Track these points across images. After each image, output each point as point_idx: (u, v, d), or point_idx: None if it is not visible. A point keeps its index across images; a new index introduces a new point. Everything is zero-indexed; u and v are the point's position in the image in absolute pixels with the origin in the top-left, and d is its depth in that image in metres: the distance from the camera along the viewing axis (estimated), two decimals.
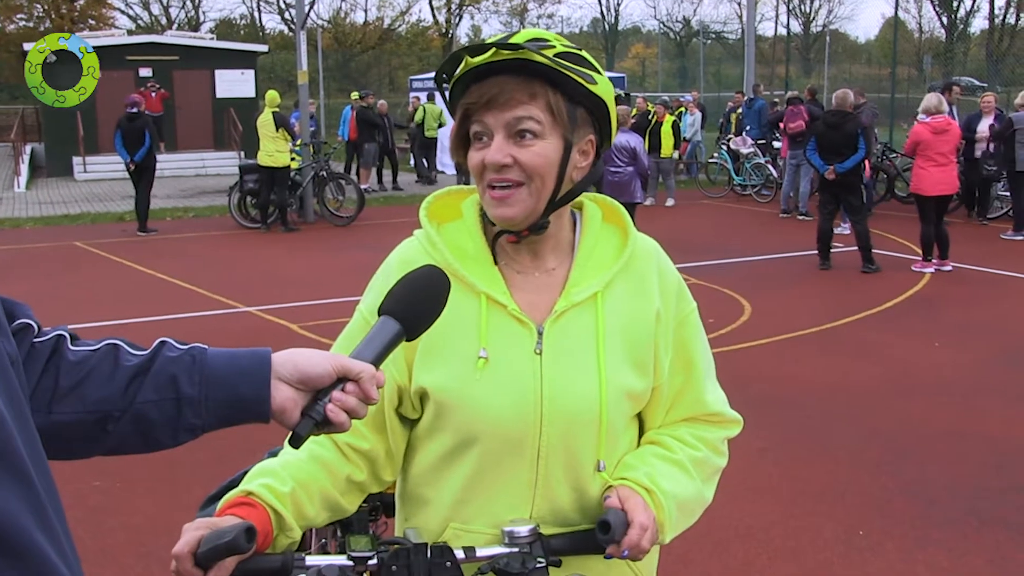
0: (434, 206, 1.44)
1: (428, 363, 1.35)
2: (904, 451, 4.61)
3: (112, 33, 23.75)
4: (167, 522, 3.90)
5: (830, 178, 8.96)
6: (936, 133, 8.74)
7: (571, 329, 1.35)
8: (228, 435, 5.69)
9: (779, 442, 4.74)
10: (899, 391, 5.56)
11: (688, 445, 1.42)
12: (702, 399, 1.45)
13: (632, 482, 1.34)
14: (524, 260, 1.39)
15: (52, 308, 7.84)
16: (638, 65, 45.15)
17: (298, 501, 1.29)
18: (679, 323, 1.43)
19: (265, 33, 45.27)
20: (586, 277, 1.37)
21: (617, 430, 1.37)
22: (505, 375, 1.32)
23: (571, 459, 1.34)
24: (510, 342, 1.33)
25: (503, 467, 1.33)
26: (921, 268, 9.08)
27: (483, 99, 1.29)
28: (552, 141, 1.30)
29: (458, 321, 1.33)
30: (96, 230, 12.77)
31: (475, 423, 1.32)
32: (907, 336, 6.82)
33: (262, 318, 7.57)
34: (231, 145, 21.35)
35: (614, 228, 1.44)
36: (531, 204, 1.31)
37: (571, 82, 1.29)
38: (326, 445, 1.37)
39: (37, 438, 0.87)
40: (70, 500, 4.11)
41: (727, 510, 3.91)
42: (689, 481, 1.40)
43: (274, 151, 12.05)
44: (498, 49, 1.27)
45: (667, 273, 1.43)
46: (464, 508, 1.36)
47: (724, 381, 1.52)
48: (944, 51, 35.20)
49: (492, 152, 1.29)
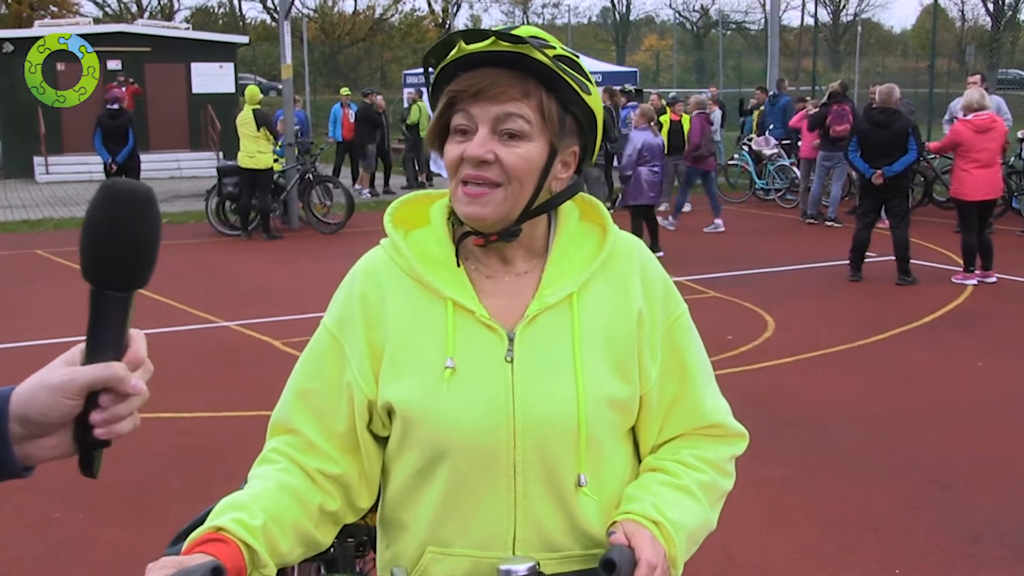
0: (400, 212, 1.45)
1: (393, 375, 1.36)
2: (944, 481, 4.61)
3: (77, 22, 23.80)
4: (135, 557, 3.89)
5: (877, 183, 8.90)
6: (979, 132, 8.73)
7: (545, 334, 1.36)
8: (201, 459, 5.66)
9: (805, 470, 4.73)
10: (938, 415, 5.56)
11: (693, 468, 1.42)
12: (700, 408, 1.45)
13: (638, 515, 1.34)
14: (494, 264, 1.41)
15: (8, 323, 7.85)
16: (651, 58, 45.30)
17: (271, 535, 1.29)
18: (668, 326, 1.44)
19: (246, 23, 45.49)
20: (560, 278, 1.38)
21: (600, 442, 1.37)
22: (473, 385, 1.33)
23: (551, 474, 1.35)
24: (479, 350, 1.35)
25: (478, 484, 1.34)
26: (962, 280, 9.08)
27: (472, 89, 1.30)
28: (538, 145, 1.32)
29: (424, 330, 1.35)
30: (59, 237, 12.80)
31: (443, 437, 1.33)
32: (947, 354, 6.81)
33: (242, 333, 7.58)
34: (208, 145, 21.42)
35: (592, 226, 1.45)
36: (505, 208, 1.32)
37: (567, 87, 1.31)
38: (295, 474, 1.38)
39: None
40: (29, 534, 4.11)
41: (747, 544, 3.91)
42: (698, 508, 1.40)
43: (255, 152, 12.08)
44: (498, 39, 1.28)
45: (650, 271, 1.44)
46: (441, 530, 1.37)
47: (745, 402, 1.53)
48: (989, 41, 35.24)
49: (474, 146, 1.30)
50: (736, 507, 1.52)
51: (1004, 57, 33.18)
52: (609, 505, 1.39)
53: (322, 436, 1.39)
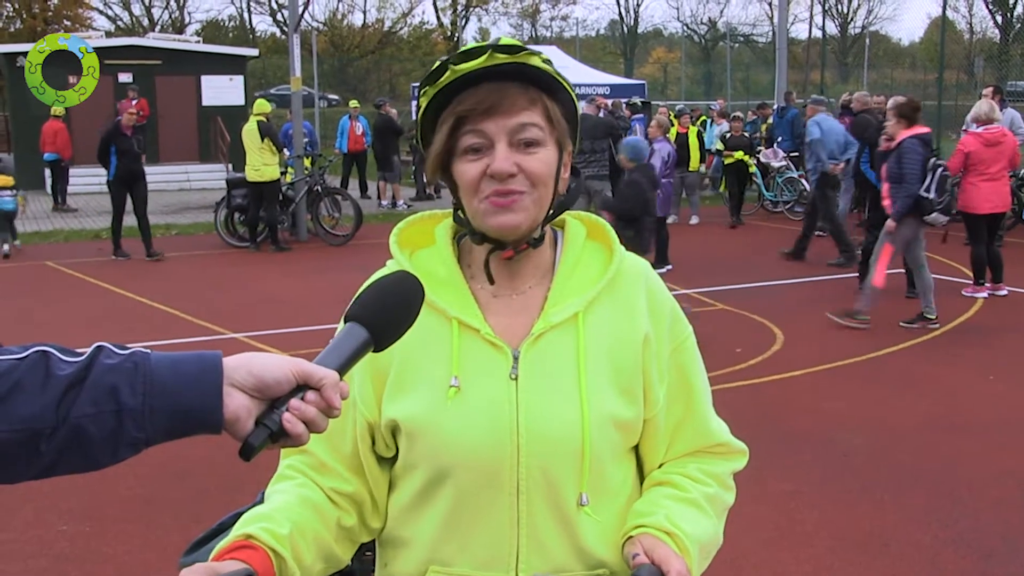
0: (405, 233, 1.47)
1: (398, 393, 1.37)
2: (956, 496, 4.56)
3: (89, 35, 23.96)
4: (141, 569, 3.88)
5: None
6: (988, 145, 8.70)
7: (550, 352, 1.36)
8: (208, 471, 5.65)
9: (815, 484, 4.69)
10: (949, 429, 5.51)
11: (699, 482, 1.43)
12: (707, 429, 1.47)
13: (652, 528, 1.34)
14: (502, 281, 1.41)
15: (17, 334, 7.86)
16: (659, 71, 45.39)
17: (296, 544, 1.31)
18: (675, 349, 1.44)
19: (256, 36, 45.76)
20: (566, 297, 1.39)
21: (603, 462, 1.37)
22: (477, 403, 1.33)
23: (554, 494, 1.34)
24: (483, 368, 1.35)
25: (481, 503, 1.34)
26: (973, 293, 9.03)
27: (483, 106, 1.31)
28: (551, 149, 1.36)
29: (429, 349, 1.36)
30: (69, 249, 12.85)
31: (446, 455, 1.34)
32: (958, 368, 6.77)
33: (249, 345, 7.58)
34: (218, 157, 21.48)
35: (598, 246, 1.46)
36: (535, 213, 1.34)
37: (563, 90, 1.36)
38: (313, 489, 1.39)
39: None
40: (33, 547, 4.10)
41: (755, 558, 3.87)
42: (707, 520, 1.41)
43: (260, 165, 12.11)
44: (495, 52, 1.30)
45: (657, 295, 1.44)
46: (443, 548, 1.37)
47: (753, 415, 1.52)
48: (998, 53, 35.21)
49: (499, 161, 1.30)
50: (745, 521, 1.51)
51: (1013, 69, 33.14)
52: (609, 524, 1.38)
53: (332, 456, 1.41)
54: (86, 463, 1.01)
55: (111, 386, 0.99)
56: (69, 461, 1.00)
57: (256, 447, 1.03)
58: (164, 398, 1.00)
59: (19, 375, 0.98)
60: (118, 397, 0.99)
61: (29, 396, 0.97)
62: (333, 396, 1.05)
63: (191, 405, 1.01)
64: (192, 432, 1.03)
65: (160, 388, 1.00)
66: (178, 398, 1.00)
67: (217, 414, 1.02)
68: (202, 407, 1.01)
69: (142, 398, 0.99)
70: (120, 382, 0.99)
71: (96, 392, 0.99)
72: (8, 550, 4.08)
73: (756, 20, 52.08)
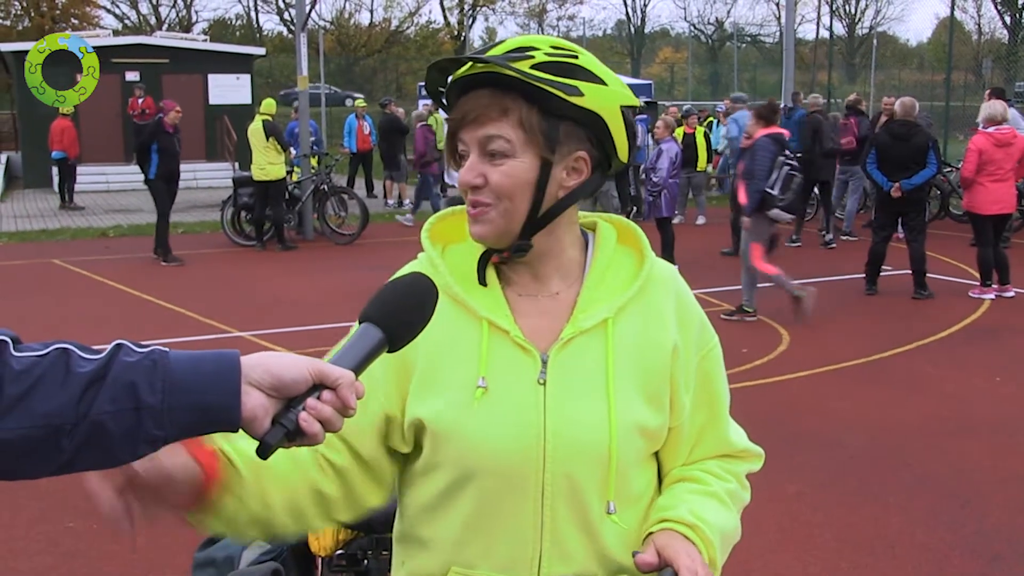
0: (437, 227, 1.46)
1: (424, 392, 1.36)
2: (962, 499, 4.55)
3: (97, 33, 24.03)
4: (148, 567, 3.89)
5: (896, 196, 8.82)
6: (999, 146, 8.67)
7: (578, 358, 1.35)
8: None
9: (820, 485, 4.69)
10: (955, 430, 5.50)
11: (719, 477, 1.45)
12: (727, 437, 1.49)
13: (675, 521, 1.35)
14: (526, 283, 1.41)
15: (24, 332, 7.86)
16: (666, 71, 45.34)
17: (260, 475, 1.28)
18: (703, 357, 1.45)
19: (262, 35, 45.80)
20: (596, 302, 1.38)
21: (629, 469, 1.37)
22: (504, 406, 1.33)
23: (578, 499, 1.34)
24: (511, 371, 1.34)
25: (505, 506, 1.34)
26: (979, 294, 9.01)
27: (458, 115, 1.34)
28: (524, 159, 1.32)
29: (458, 348, 1.35)
30: (76, 247, 12.89)
31: (471, 457, 1.33)
32: (964, 369, 6.75)
33: (256, 344, 7.59)
34: (224, 156, 21.51)
35: (629, 250, 1.45)
36: (500, 225, 1.34)
37: (550, 96, 1.30)
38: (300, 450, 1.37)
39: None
40: (41, 544, 4.11)
41: (761, 559, 3.87)
42: (728, 513, 1.43)
43: (265, 164, 12.10)
44: (473, 63, 1.32)
45: (687, 303, 1.45)
46: (465, 550, 1.36)
47: (759, 417, 1.54)
48: (1007, 54, 35.08)
49: (464, 171, 1.34)
50: (751, 522, 1.52)
51: (1022, 70, 33.01)
52: (631, 529, 1.38)
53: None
54: (105, 460, 1.02)
55: (130, 383, 1.00)
56: (88, 458, 1.01)
57: (273, 446, 1.05)
58: (183, 396, 1.01)
59: (40, 371, 0.99)
60: (137, 394, 1.00)
61: (50, 393, 0.98)
62: (349, 396, 1.06)
63: (210, 403, 1.02)
64: (210, 430, 1.04)
65: (179, 386, 1.01)
66: (197, 396, 1.01)
67: (235, 412, 1.03)
68: (220, 405, 1.02)
69: (161, 396, 1.00)
70: (139, 380, 1.00)
71: (116, 389, 1.00)
72: (15, 547, 4.09)
73: (763, 20, 51.93)
